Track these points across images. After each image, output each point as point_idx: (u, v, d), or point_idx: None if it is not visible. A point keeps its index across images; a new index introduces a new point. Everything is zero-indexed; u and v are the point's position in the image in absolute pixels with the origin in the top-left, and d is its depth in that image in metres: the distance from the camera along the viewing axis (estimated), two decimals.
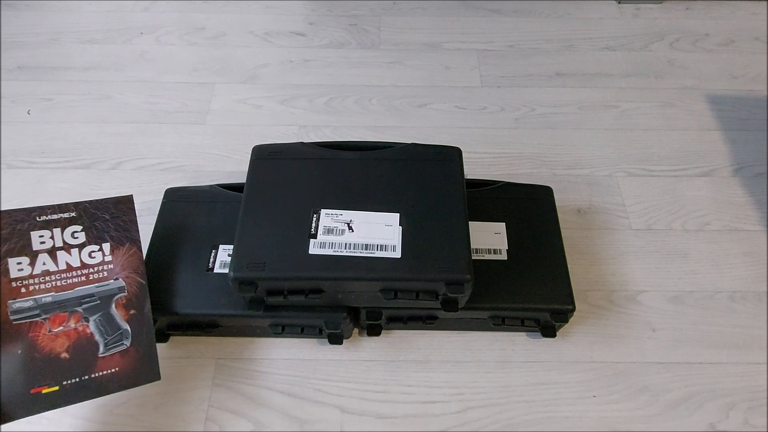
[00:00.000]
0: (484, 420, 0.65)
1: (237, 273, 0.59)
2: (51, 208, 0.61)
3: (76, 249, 0.61)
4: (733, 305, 0.74)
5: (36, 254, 0.59)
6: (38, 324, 0.57)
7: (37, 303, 0.58)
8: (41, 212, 0.60)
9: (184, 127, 0.94)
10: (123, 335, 0.59)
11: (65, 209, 0.61)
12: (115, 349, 0.58)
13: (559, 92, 1.00)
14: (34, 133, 0.92)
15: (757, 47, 1.08)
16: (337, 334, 0.68)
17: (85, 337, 0.58)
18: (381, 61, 1.05)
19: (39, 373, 0.55)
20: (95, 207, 0.63)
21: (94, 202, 0.63)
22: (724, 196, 0.85)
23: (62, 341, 0.57)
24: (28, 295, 0.58)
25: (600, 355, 0.70)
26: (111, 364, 0.58)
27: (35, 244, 0.59)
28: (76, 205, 0.62)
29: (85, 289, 0.60)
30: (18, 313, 0.57)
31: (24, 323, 0.57)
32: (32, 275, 0.58)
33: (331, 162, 0.67)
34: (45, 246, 0.60)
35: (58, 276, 0.59)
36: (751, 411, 0.66)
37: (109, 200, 0.64)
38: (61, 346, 0.57)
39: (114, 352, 0.58)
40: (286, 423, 0.64)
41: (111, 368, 0.58)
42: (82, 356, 0.57)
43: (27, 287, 0.58)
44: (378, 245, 0.60)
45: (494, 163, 0.89)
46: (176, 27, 1.10)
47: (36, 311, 0.57)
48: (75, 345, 0.57)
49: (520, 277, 0.67)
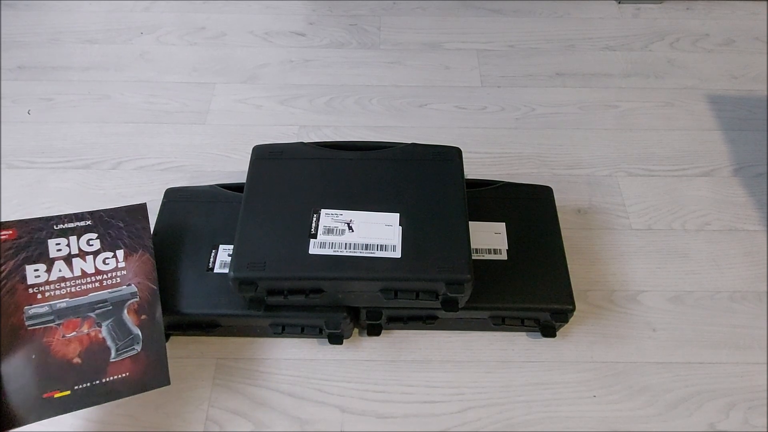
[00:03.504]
0: (484, 420, 0.65)
1: (237, 273, 0.59)
2: (68, 216, 0.63)
3: (91, 256, 0.62)
4: (733, 305, 0.74)
5: (53, 261, 0.60)
6: (52, 329, 0.58)
7: (52, 309, 0.58)
8: (59, 221, 0.62)
9: (184, 127, 0.94)
10: (134, 340, 0.59)
11: (81, 218, 0.63)
12: (127, 354, 0.59)
13: (559, 92, 1.00)
14: (34, 133, 0.92)
15: (757, 47, 1.08)
16: (338, 334, 0.68)
17: (97, 342, 0.58)
18: (381, 61, 1.05)
19: (52, 378, 0.56)
20: (110, 215, 0.65)
21: (109, 211, 0.65)
22: (724, 196, 0.85)
23: (75, 346, 0.58)
24: (44, 301, 0.58)
25: (600, 355, 0.70)
26: (122, 369, 0.58)
27: (52, 251, 0.61)
28: (92, 213, 0.64)
29: (98, 295, 0.60)
30: (33, 318, 0.57)
31: (38, 329, 0.57)
32: (48, 282, 0.59)
33: (331, 162, 0.67)
34: (61, 253, 0.61)
35: (73, 282, 0.60)
36: (751, 411, 0.66)
37: (122, 208, 0.66)
38: (73, 351, 0.57)
39: (125, 357, 0.58)
40: (286, 423, 0.64)
41: (122, 373, 0.58)
42: (93, 361, 0.58)
43: (43, 293, 0.59)
44: (378, 245, 0.60)
45: (494, 163, 0.89)
46: (176, 27, 1.10)
47: (51, 317, 0.58)
48: (87, 350, 0.58)
49: (520, 277, 0.67)
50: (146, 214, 0.66)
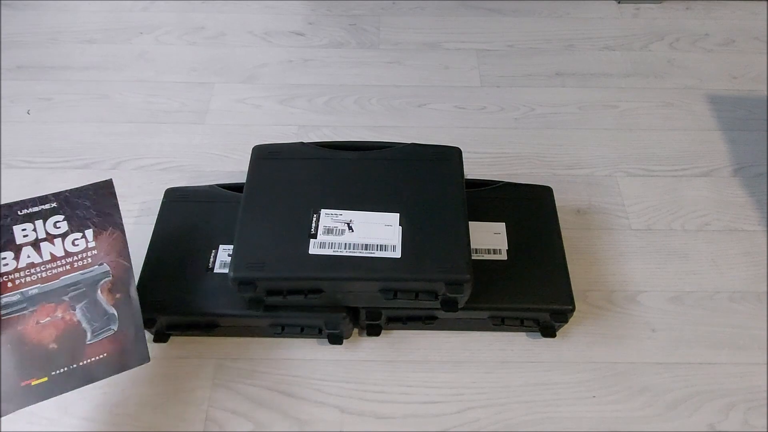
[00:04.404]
0: (483, 420, 0.65)
1: (237, 273, 0.58)
2: (32, 200, 0.61)
3: (59, 239, 0.60)
4: (733, 305, 0.74)
5: (20, 248, 0.59)
6: (26, 317, 0.57)
7: (24, 296, 0.57)
8: (23, 206, 0.60)
9: (184, 126, 0.94)
10: (110, 320, 0.58)
11: (46, 201, 0.61)
12: (103, 334, 0.58)
13: (559, 92, 1.00)
14: (34, 133, 0.92)
15: (757, 47, 1.08)
16: (337, 334, 0.68)
17: (73, 326, 0.58)
18: (380, 61, 1.05)
19: (28, 366, 0.55)
20: (75, 195, 0.62)
21: (74, 191, 0.63)
22: (724, 196, 0.85)
23: (50, 332, 0.57)
24: (15, 289, 0.57)
25: (600, 356, 0.70)
26: (99, 350, 0.57)
27: (18, 238, 0.59)
28: (56, 195, 0.62)
29: (70, 278, 0.59)
30: (5, 308, 0.56)
31: (12, 317, 0.56)
32: (18, 269, 0.58)
33: (331, 162, 0.67)
34: (28, 239, 0.59)
35: (43, 267, 0.59)
36: (751, 411, 0.66)
37: (88, 187, 0.63)
38: (49, 337, 0.57)
39: (102, 338, 0.58)
40: (286, 423, 0.64)
41: (99, 354, 0.57)
42: (70, 345, 0.57)
43: (13, 282, 0.58)
44: (378, 245, 0.60)
45: (494, 163, 0.89)
46: (175, 27, 1.10)
47: (23, 305, 0.57)
48: (63, 335, 0.57)
49: (519, 277, 0.67)
50: (113, 190, 0.64)
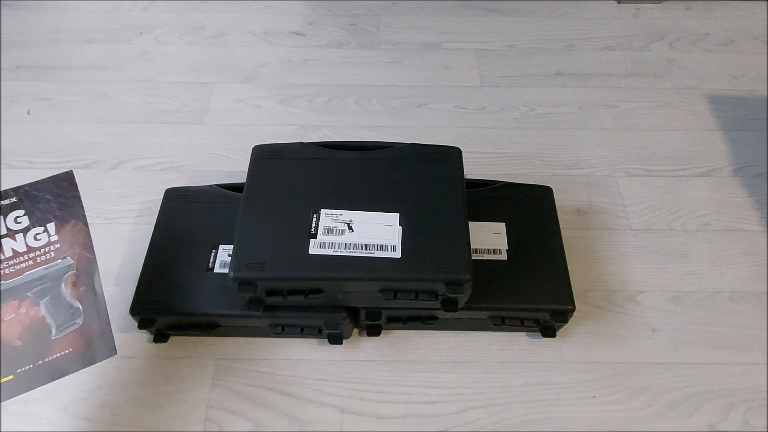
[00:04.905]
0: (483, 420, 0.65)
1: (237, 273, 0.58)
2: None
3: (21, 234, 0.59)
4: (732, 305, 0.74)
5: None
6: None
7: None
8: None
9: (184, 126, 0.94)
10: (75, 314, 0.58)
11: (5, 196, 0.59)
12: (68, 329, 0.57)
13: (559, 92, 1.00)
14: (33, 133, 0.92)
15: (757, 47, 1.08)
16: (337, 335, 0.68)
17: (37, 321, 0.57)
18: (380, 61, 1.05)
19: None
20: (36, 189, 0.61)
21: (34, 184, 0.61)
22: (724, 196, 0.85)
23: (15, 329, 0.56)
24: None
25: (600, 356, 0.70)
26: (65, 345, 0.57)
27: None
28: (16, 190, 0.60)
29: (33, 273, 0.58)
30: None
31: None
32: None
33: (331, 162, 0.67)
34: None
35: (6, 264, 0.58)
36: (751, 411, 0.66)
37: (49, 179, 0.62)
38: (14, 334, 0.56)
39: (67, 333, 0.57)
40: (285, 423, 0.64)
41: (66, 349, 0.57)
42: (35, 341, 0.56)
43: None
44: (378, 245, 0.60)
45: (493, 163, 0.89)
46: (175, 27, 1.10)
47: None
48: (27, 331, 0.56)
49: (519, 277, 0.67)
50: (74, 182, 0.62)
